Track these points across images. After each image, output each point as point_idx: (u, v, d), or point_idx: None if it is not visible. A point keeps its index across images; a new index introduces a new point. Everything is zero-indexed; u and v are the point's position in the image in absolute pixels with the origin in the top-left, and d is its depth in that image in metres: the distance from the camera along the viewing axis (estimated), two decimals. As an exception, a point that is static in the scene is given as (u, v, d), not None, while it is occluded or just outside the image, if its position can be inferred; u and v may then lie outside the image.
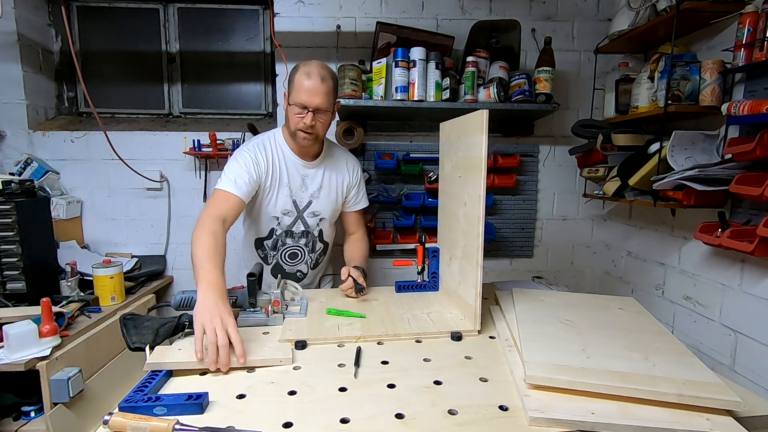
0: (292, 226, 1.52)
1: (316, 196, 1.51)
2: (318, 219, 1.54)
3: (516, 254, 2.38)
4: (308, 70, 1.31)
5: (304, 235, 1.55)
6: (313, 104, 1.31)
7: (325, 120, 1.37)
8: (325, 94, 1.32)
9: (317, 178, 1.50)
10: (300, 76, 1.32)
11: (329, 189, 1.52)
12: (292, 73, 1.36)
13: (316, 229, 1.56)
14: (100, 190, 2.22)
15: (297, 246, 1.55)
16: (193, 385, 0.87)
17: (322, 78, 1.31)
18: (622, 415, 0.73)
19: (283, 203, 1.48)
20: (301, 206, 1.50)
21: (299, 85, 1.31)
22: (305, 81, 1.30)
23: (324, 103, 1.33)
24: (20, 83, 2.10)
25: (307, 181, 1.49)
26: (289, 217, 1.50)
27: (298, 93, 1.32)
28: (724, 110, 1.35)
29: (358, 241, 1.64)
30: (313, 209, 1.52)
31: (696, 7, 1.50)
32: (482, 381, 0.89)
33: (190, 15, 2.34)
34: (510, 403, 0.80)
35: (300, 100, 1.31)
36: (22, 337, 1.31)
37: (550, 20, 2.18)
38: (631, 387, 0.77)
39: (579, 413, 0.74)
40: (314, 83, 1.30)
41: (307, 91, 1.30)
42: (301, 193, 1.49)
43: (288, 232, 1.53)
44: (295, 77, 1.33)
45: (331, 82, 1.35)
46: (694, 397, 0.75)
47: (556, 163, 2.31)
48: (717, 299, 1.63)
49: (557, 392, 0.80)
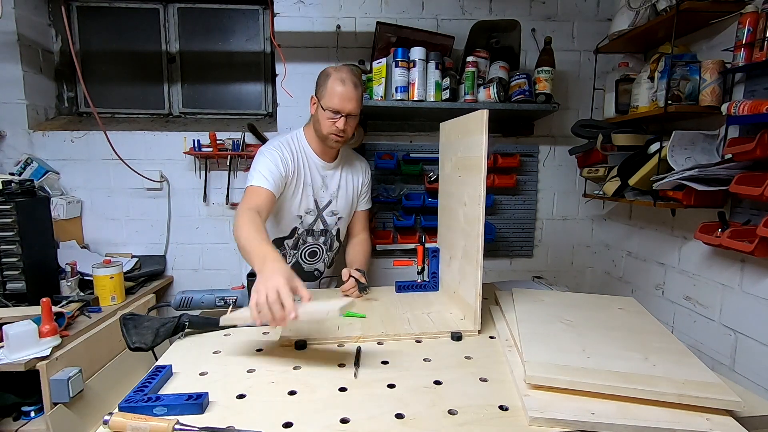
0: (313, 225, 1.56)
1: (335, 196, 1.56)
2: (337, 218, 1.59)
3: (516, 254, 2.38)
4: (342, 77, 1.36)
5: (323, 233, 1.59)
6: (346, 110, 1.37)
7: (354, 123, 1.43)
8: (357, 99, 1.39)
9: (336, 178, 1.56)
10: (333, 82, 1.36)
11: (347, 189, 1.58)
12: (323, 79, 1.40)
13: (335, 228, 1.61)
14: (100, 190, 2.22)
15: (317, 244, 1.59)
16: (193, 385, 0.87)
17: (355, 85, 1.37)
18: (622, 415, 0.73)
19: (307, 202, 1.52)
20: (321, 205, 1.55)
21: (332, 91, 1.36)
22: (339, 87, 1.35)
23: (355, 109, 1.39)
24: (20, 83, 2.10)
25: (327, 181, 1.54)
26: (311, 216, 1.54)
27: (332, 98, 1.36)
28: (724, 110, 1.35)
29: (361, 244, 1.65)
30: (332, 209, 1.57)
31: (696, 7, 1.50)
32: (482, 381, 0.89)
33: (190, 15, 2.34)
34: (510, 403, 0.80)
35: (334, 106, 1.36)
36: (22, 337, 1.31)
37: (550, 20, 2.18)
38: (631, 387, 0.77)
39: (579, 413, 0.74)
40: (348, 90, 1.35)
41: (340, 97, 1.35)
42: (322, 192, 1.54)
43: (309, 231, 1.56)
44: (328, 83, 1.37)
45: (361, 88, 1.42)
46: (694, 397, 0.75)
47: (556, 163, 2.31)
48: (717, 299, 1.63)
49: (557, 392, 0.80)
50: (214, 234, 2.28)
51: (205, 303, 1.21)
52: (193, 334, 1.11)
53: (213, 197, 2.25)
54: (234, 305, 1.21)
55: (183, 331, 1.10)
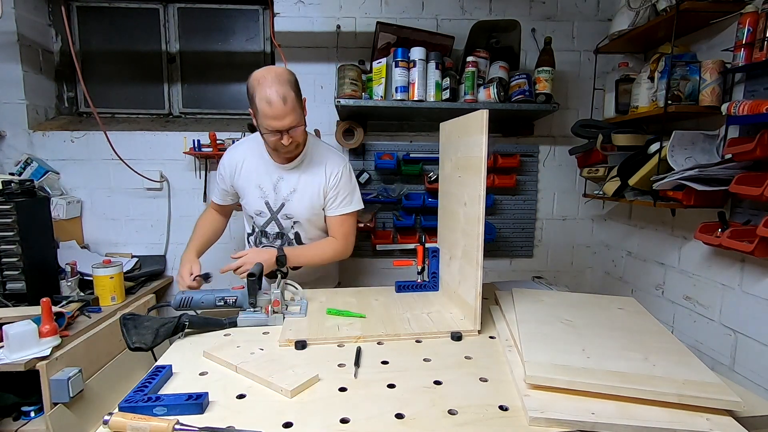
0: (265, 227, 1.52)
1: (289, 199, 1.46)
2: (292, 222, 1.50)
3: (516, 254, 2.38)
4: (267, 96, 1.23)
5: (278, 236, 1.53)
6: (284, 127, 1.27)
7: (301, 129, 1.33)
8: (291, 111, 1.26)
9: (292, 180, 1.46)
10: (260, 103, 1.25)
11: (303, 192, 1.46)
12: (251, 92, 1.28)
13: (291, 232, 1.52)
14: (100, 190, 2.22)
15: (272, 246, 1.51)
16: (193, 385, 0.87)
17: (284, 99, 1.24)
18: (622, 415, 0.73)
19: (256, 204, 1.48)
20: (275, 208, 1.49)
21: (263, 113, 1.26)
22: (268, 109, 1.24)
23: (294, 120, 1.28)
24: (20, 83, 2.10)
25: (281, 184, 1.46)
26: (261, 217, 1.51)
27: (265, 120, 1.27)
28: (724, 110, 1.35)
29: (323, 241, 1.54)
30: (287, 212, 1.48)
31: (696, 7, 1.50)
32: (482, 381, 0.89)
33: (190, 15, 2.34)
34: (510, 403, 0.80)
35: (270, 127, 1.27)
36: (22, 337, 1.31)
37: (550, 20, 2.18)
38: (631, 387, 0.77)
39: (579, 413, 0.74)
40: (277, 109, 1.24)
41: (273, 117, 1.25)
42: (274, 194, 1.47)
43: (263, 232, 1.53)
44: (256, 102, 1.26)
45: (293, 94, 1.27)
46: (694, 397, 0.75)
47: (556, 163, 2.31)
48: (717, 299, 1.63)
49: (557, 392, 0.80)
50: (214, 234, 2.27)
51: (205, 303, 1.21)
52: (193, 334, 1.11)
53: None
54: (234, 305, 1.21)
55: (183, 331, 1.10)
